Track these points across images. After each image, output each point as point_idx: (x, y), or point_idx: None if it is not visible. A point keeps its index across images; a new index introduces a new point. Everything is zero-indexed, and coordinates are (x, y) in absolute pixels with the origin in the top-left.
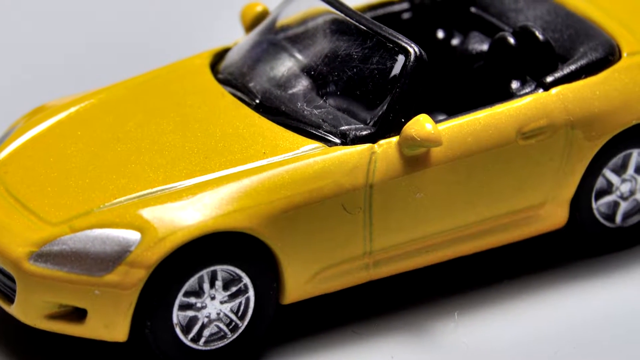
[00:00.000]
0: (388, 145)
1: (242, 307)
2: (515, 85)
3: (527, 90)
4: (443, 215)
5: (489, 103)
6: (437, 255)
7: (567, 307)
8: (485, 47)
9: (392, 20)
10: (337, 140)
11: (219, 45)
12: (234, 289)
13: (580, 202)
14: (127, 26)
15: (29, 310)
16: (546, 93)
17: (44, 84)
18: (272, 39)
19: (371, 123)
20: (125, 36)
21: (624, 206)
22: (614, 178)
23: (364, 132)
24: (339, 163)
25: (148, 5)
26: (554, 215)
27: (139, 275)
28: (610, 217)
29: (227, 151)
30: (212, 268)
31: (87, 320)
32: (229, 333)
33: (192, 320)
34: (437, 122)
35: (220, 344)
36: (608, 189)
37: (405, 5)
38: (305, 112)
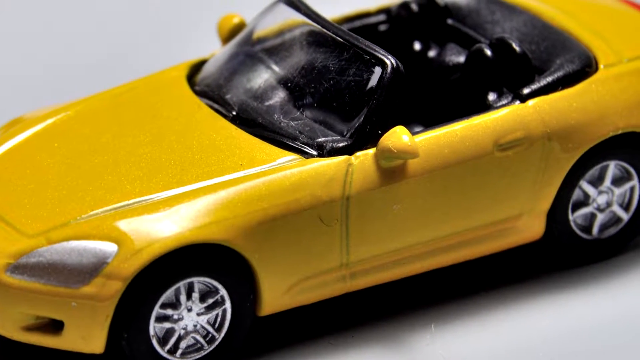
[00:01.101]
0: (365, 157)
1: (218, 319)
2: (492, 97)
3: (504, 102)
4: (420, 227)
5: (466, 115)
6: (414, 267)
7: (544, 319)
8: (462, 59)
9: (369, 32)
10: (314, 152)
11: (195, 57)
12: (210, 300)
13: (557, 214)
14: (104, 38)
15: (6, 322)
16: (523, 105)
17: (21, 95)
18: (249, 50)
19: (348, 135)
20: (102, 48)
21: (600, 218)
22: (590, 190)
23: (341, 144)
24: (316, 175)
25: (125, 17)
26: (531, 227)
27: (116, 287)
28: (587, 229)
29: (204, 163)
30: (188, 280)
31: (64, 332)
32: (205, 345)
33: (169, 332)
34: (414, 133)
35: (197, 355)
36: (585, 200)
37: (382, 17)
38: (282, 124)
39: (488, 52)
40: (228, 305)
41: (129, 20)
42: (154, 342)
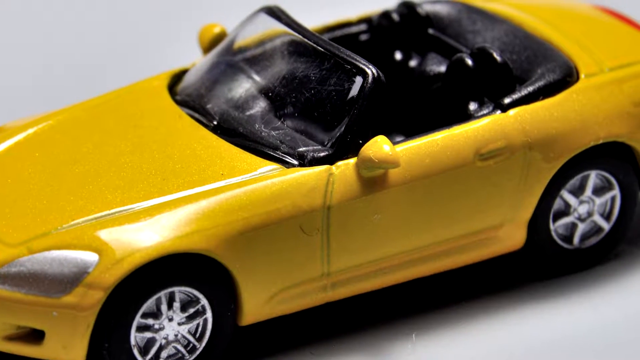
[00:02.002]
0: (346, 166)
1: (199, 329)
2: (473, 106)
3: (485, 111)
4: (401, 236)
5: (447, 124)
6: (395, 276)
7: (525, 328)
8: (443, 68)
9: (350, 41)
10: (295, 162)
11: (176, 66)
12: (191, 310)
13: (538, 223)
14: (85, 48)
15: None
16: (504, 114)
17: (1, 105)
18: (230, 60)
19: (329, 144)
20: (83, 58)
21: (581, 227)
22: (571, 199)
23: (322, 154)
24: (297, 184)
25: (106, 27)
26: (512, 236)
27: (97, 297)
28: (568, 238)
29: (185, 173)
30: (169, 289)
31: (45, 341)
32: (186, 354)
33: (150, 342)
34: (395, 143)
35: None
36: (566, 210)
37: (363, 27)
38: (263, 134)
39: (469, 62)
40: (209, 314)
41: (110, 30)
42: (135, 351)
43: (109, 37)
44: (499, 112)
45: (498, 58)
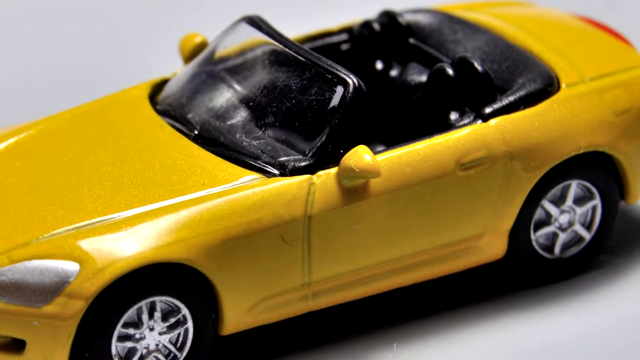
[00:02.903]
0: (327, 176)
1: (181, 338)
2: (454, 116)
3: (466, 121)
4: (382, 246)
5: (428, 134)
6: (376, 286)
7: (506, 338)
8: (424, 78)
9: (330, 51)
10: (276, 172)
11: (157, 76)
12: (172, 320)
13: (519, 233)
14: (66, 57)
15: None
16: (485, 124)
17: None
18: (211, 70)
19: (310, 154)
20: (63, 67)
21: (562, 237)
22: (552, 209)
23: (303, 163)
24: (278, 194)
25: (86, 36)
26: (493, 246)
27: (78, 306)
28: (549, 248)
29: (166, 182)
30: (150, 299)
31: (26, 351)
32: None
33: (131, 351)
34: (375, 153)
35: None
36: (547, 220)
37: (344, 36)
38: (244, 143)
39: (450, 72)
40: (190, 324)
41: (91, 39)
42: None
43: (89, 46)
44: (479, 121)
45: (479, 68)
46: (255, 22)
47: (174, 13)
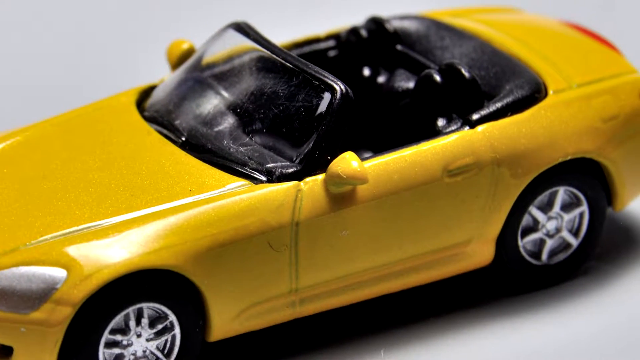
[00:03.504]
0: (314, 182)
1: (168, 345)
2: (441, 122)
3: (453, 127)
4: (369, 252)
5: (415, 140)
6: (364, 292)
7: (494, 344)
8: (411, 84)
9: (318, 57)
10: (263, 178)
11: (145, 82)
12: (160, 326)
13: (506, 239)
14: (54, 64)
15: None
16: (472, 130)
17: None
18: (198, 76)
19: (297, 160)
20: (50, 74)
21: (550, 244)
22: (540, 216)
23: (290, 170)
24: (265, 201)
25: (73, 42)
26: (480, 252)
27: (65, 313)
28: (536, 254)
29: (153, 189)
30: (138, 305)
31: (14, 357)
32: None
33: (118, 358)
34: (363, 159)
35: None
36: (534, 226)
37: (331, 43)
38: (232, 150)
39: (437, 78)
40: (177, 330)
41: (79, 45)
42: None
43: (76, 53)
44: (467, 128)
45: (466, 74)
46: (243, 29)
47: (162, 20)
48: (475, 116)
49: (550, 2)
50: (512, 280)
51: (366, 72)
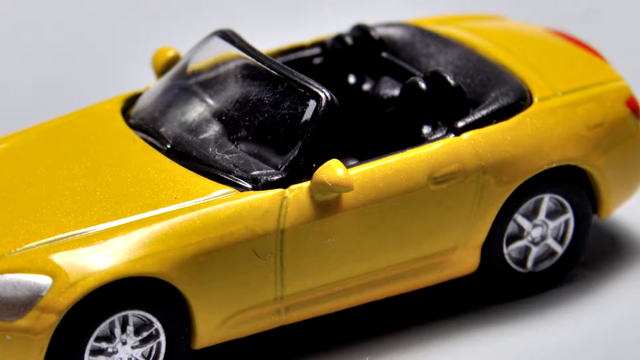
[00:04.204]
0: (299, 190)
1: (153, 352)
2: (426, 130)
3: (439, 135)
4: (354, 260)
5: (401, 148)
6: (349, 300)
7: (479, 352)
8: (396, 92)
9: (303, 65)
10: (249, 185)
11: (130, 90)
12: (145, 334)
13: (491, 247)
14: (39, 71)
15: None
16: (457, 138)
17: None
18: (184, 84)
19: (282, 168)
20: (35, 81)
21: (535, 251)
22: (525, 223)
23: (275, 177)
24: (250, 208)
25: (59, 49)
26: (466, 260)
27: (51, 320)
28: (522, 262)
29: (139, 196)
30: (123, 313)
31: None
32: None
33: None
34: (348, 167)
35: None
36: (519, 234)
37: (316, 50)
38: (217, 157)
39: (422, 85)
40: (162, 338)
41: (63, 53)
42: None
43: (61, 60)
44: (452, 135)
45: (451, 82)
46: (228, 36)
47: (147, 27)
48: (460, 124)
49: (536, 10)
50: (498, 288)
51: (351, 79)
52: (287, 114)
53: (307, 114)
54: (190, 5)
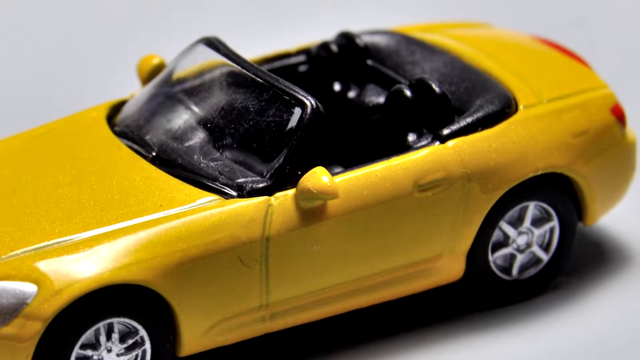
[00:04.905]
0: (285, 197)
1: None
2: (411, 137)
3: (424, 142)
4: (340, 267)
5: (386, 155)
6: (334, 307)
7: (463, 358)
8: (381, 99)
9: (288, 72)
10: (234, 193)
11: (115, 97)
12: (130, 341)
13: (476, 254)
14: (23, 78)
15: None
16: (443, 145)
17: None
18: (169, 91)
19: (268, 175)
20: (20, 89)
21: (520, 259)
22: (510, 231)
23: (261, 185)
24: (236, 216)
25: (44, 57)
26: (451, 267)
27: (36, 328)
28: (507, 269)
29: (124, 204)
30: (108, 320)
31: None
32: None
33: None
34: (333, 174)
35: None
36: (504, 241)
37: (301, 58)
38: (202, 165)
39: (408, 93)
40: (148, 346)
41: (49, 60)
42: None
43: (46, 68)
44: (437, 143)
45: (437, 89)
46: (213, 44)
47: (132, 34)
48: (445, 131)
49: (521, 18)
50: (483, 295)
51: (337, 87)
52: (273, 121)
53: (293, 122)
54: (176, 12)
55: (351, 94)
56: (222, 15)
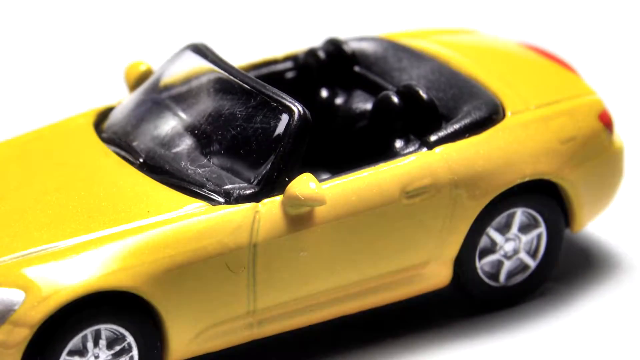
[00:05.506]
0: (272, 204)
1: None
2: (399, 144)
3: (411, 149)
4: (327, 274)
5: (373, 162)
6: (322, 314)
7: None
8: (369, 106)
9: (275, 79)
10: (221, 200)
11: (102, 104)
12: (117, 347)
13: (463, 261)
14: (9, 85)
15: None
16: (430, 152)
17: None
18: (156, 98)
19: (255, 182)
20: (6, 95)
21: (507, 265)
22: (497, 237)
23: (248, 191)
24: (223, 222)
25: (30, 63)
26: (438, 274)
27: (23, 334)
28: (494, 276)
29: (111, 210)
30: (95, 327)
31: None
32: None
33: None
34: (321, 181)
35: None
36: (492, 248)
37: (289, 64)
38: (189, 171)
39: (395, 99)
40: (135, 352)
41: (35, 66)
42: None
43: (33, 74)
44: (425, 149)
45: (424, 96)
46: (201, 50)
47: (119, 41)
48: (433, 138)
49: (508, 24)
50: (470, 302)
51: (324, 93)
52: (260, 127)
53: (280, 128)
54: (163, 19)
55: (338, 101)
56: (209, 22)
